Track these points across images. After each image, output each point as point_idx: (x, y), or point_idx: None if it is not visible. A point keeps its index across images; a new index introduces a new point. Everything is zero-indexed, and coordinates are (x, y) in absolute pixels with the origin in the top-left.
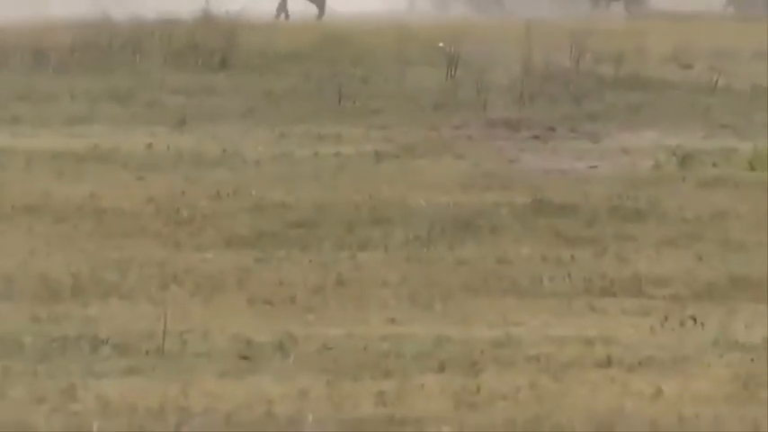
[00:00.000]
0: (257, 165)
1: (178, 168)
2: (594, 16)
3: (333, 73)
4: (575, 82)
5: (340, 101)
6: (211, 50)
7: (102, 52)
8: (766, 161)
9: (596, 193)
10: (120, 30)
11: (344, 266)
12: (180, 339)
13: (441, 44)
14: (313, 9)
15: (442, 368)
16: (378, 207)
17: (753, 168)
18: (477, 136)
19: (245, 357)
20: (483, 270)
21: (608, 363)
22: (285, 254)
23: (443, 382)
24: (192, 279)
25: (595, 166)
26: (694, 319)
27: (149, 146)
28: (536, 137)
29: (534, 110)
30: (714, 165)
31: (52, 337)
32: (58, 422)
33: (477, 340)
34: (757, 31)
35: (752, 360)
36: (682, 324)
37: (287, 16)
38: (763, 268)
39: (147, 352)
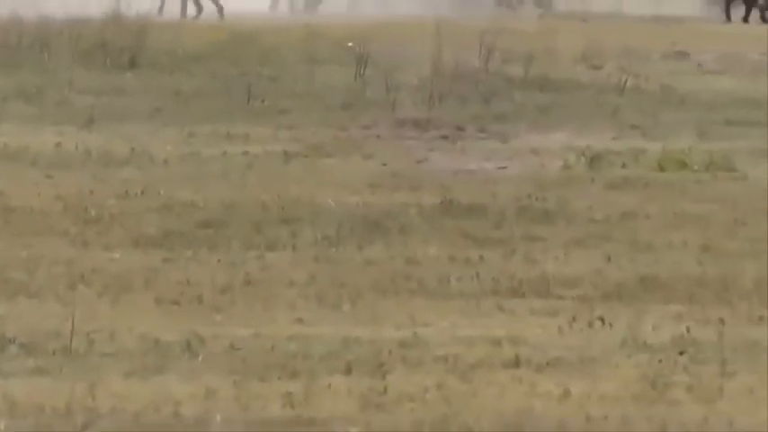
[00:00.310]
0: (165, 164)
1: (86, 167)
2: (504, 16)
3: (241, 72)
4: (484, 82)
5: (248, 100)
6: (120, 50)
7: (10, 51)
8: (675, 162)
9: (505, 194)
10: (29, 29)
11: (252, 266)
12: (87, 339)
13: (350, 44)
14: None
15: (349, 369)
16: (286, 207)
17: (662, 169)
18: (386, 136)
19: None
20: (391, 270)
21: (516, 363)
22: (193, 254)
23: (350, 383)
24: (100, 279)
25: (504, 167)
26: (602, 320)
27: (58, 145)
28: (445, 137)
29: (443, 110)
30: (623, 165)
31: None
32: None
33: (384, 341)
34: (665, 33)
35: (660, 361)
36: (590, 325)
37: (200, 10)
38: (671, 269)
39: (54, 352)
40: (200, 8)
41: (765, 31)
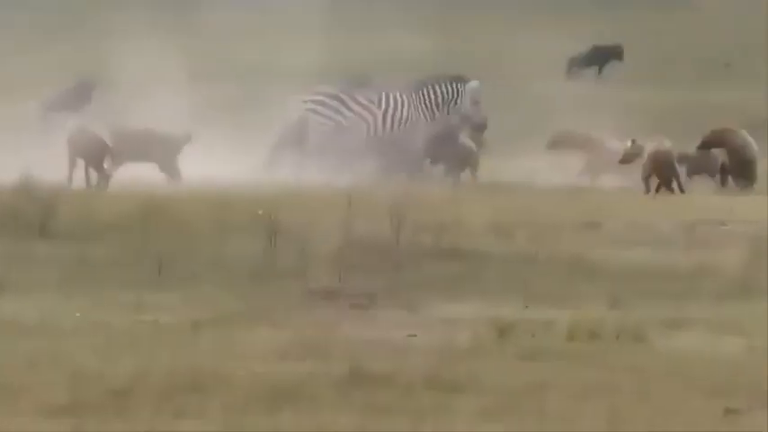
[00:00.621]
0: (75, 333)
1: None
2: (416, 186)
3: (151, 241)
4: (394, 252)
5: (159, 269)
6: (30, 218)
7: None
8: (585, 332)
9: (414, 364)
10: None
11: None
12: None
13: (260, 212)
14: (134, 177)
15: None
16: (195, 375)
17: (572, 339)
18: (296, 305)
19: None
20: None
21: None
22: (102, 422)
23: None
24: None
25: (414, 336)
26: None
27: None
28: (355, 306)
29: (353, 279)
30: (533, 336)
31: None
32: None
33: None
34: (576, 203)
35: None
36: None
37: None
38: None
39: None
40: (106, 178)
41: (676, 202)
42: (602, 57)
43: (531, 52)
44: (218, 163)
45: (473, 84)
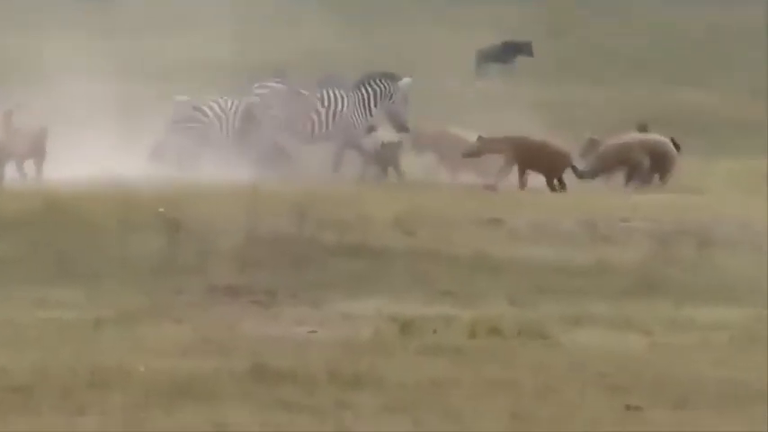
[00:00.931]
0: None
1: None
2: (319, 183)
3: (54, 238)
4: (297, 248)
5: (62, 266)
6: None
7: None
8: (487, 329)
9: (316, 359)
10: None
11: (62, 430)
12: None
13: (161, 209)
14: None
15: None
16: (96, 372)
17: (473, 336)
18: (198, 301)
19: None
20: None
21: None
22: (2, 419)
23: None
24: None
25: (315, 332)
26: None
27: None
28: (256, 302)
29: (255, 275)
30: (435, 332)
31: None
32: None
33: None
34: (479, 200)
35: None
36: None
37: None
38: None
39: None
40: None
41: (578, 201)
42: (511, 52)
43: (441, 48)
44: (117, 160)
45: (405, 81)
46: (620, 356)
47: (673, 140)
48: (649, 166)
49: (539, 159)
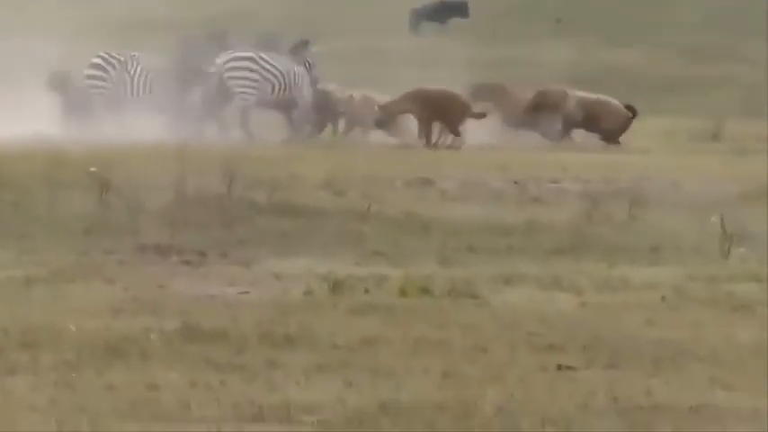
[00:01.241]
0: None
1: None
2: (248, 142)
3: None
4: (226, 207)
5: None
6: None
7: None
8: (417, 288)
9: (246, 319)
10: None
11: None
12: None
13: (92, 168)
14: None
15: None
16: (26, 331)
17: (404, 295)
18: (128, 261)
19: None
20: (131, 395)
21: None
22: None
23: None
24: None
25: (246, 292)
26: None
27: None
28: (186, 262)
29: (185, 235)
30: (365, 291)
31: None
32: None
33: None
34: (409, 159)
35: None
36: None
37: None
38: (412, 395)
39: None
40: None
41: (506, 159)
42: (446, 12)
43: (375, 7)
44: (47, 119)
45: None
46: (551, 316)
47: (629, 106)
48: (582, 122)
49: (442, 109)
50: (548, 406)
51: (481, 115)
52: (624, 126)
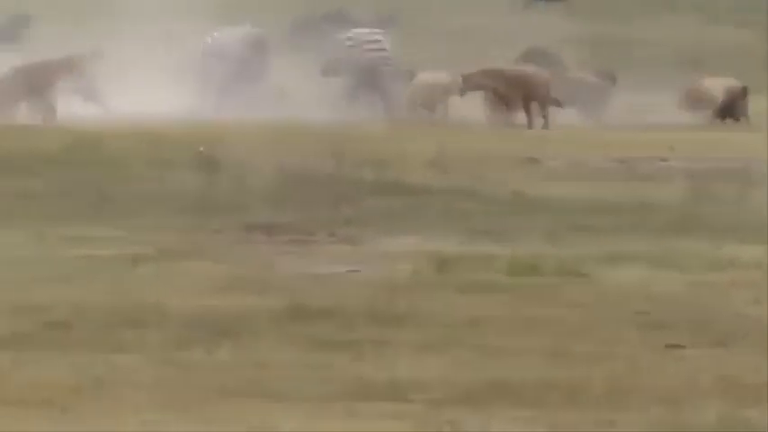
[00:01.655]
0: (15, 266)
1: None
2: (356, 121)
3: (92, 175)
4: (334, 186)
5: (99, 203)
6: None
7: None
8: (524, 267)
9: (355, 298)
10: None
11: (100, 368)
12: None
13: (201, 148)
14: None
15: None
16: (135, 309)
17: (511, 274)
18: (236, 240)
19: None
20: (240, 374)
21: None
22: (41, 355)
23: None
24: None
25: (354, 271)
26: (452, 424)
27: None
28: (294, 241)
29: (293, 214)
30: (473, 270)
31: None
32: None
33: None
34: (516, 139)
35: None
36: (439, 429)
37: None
38: (520, 373)
39: None
40: (53, 111)
41: (614, 138)
42: None
43: None
44: (158, 98)
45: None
46: (659, 295)
47: (739, 84)
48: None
49: (526, 89)
50: (655, 384)
51: (557, 102)
52: (736, 104)
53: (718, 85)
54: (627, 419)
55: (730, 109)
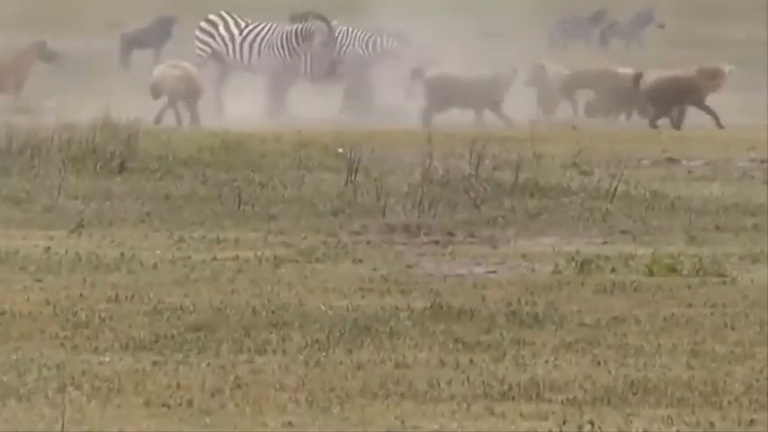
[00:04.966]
0: (155, 268)
1: (76, 272)
2: (494, 123)
3: (231, 178)
4: (474, 188)
5: (239, 206)
6: (110, 155)
7: (0, 156)
8: (665, 267)
9: (494, 298)
10: (19, 134)
11: (242, 370)
12: None
13: (340, 150)
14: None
15: None
16: (276, 311)
17: (651, 274)
18: (376, 241)
19: None
20: (381, 374)
21: None
22: (182, 357)
23: None
24: (90, 382)
25: (494, 271)
26: (592, 424)
27: (47, 249)
28: (435, 242)
29: (433, 215)
30: (612, 270)
31: None
32: None
33: None
34: (655, 139)
35: None
36: (580, 428)
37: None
38: (660, 373)
39: None
40: (197, 116)
41: (753, 138)
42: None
43: None
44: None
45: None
46: None
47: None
48: None
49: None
50: None
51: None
52: None
53: None
54: (767, 419)
55: None
